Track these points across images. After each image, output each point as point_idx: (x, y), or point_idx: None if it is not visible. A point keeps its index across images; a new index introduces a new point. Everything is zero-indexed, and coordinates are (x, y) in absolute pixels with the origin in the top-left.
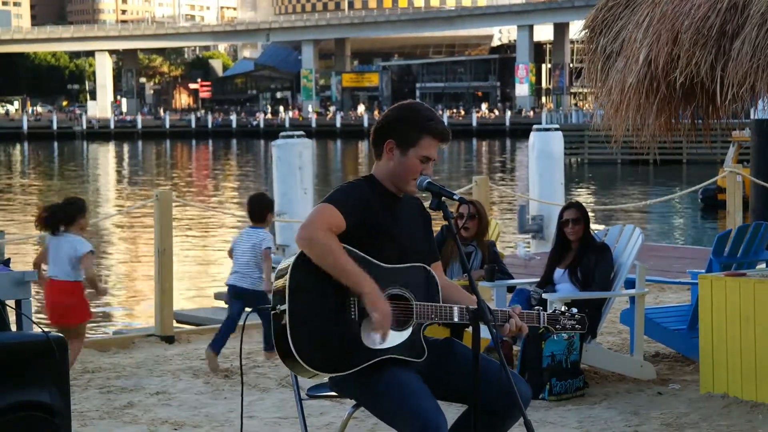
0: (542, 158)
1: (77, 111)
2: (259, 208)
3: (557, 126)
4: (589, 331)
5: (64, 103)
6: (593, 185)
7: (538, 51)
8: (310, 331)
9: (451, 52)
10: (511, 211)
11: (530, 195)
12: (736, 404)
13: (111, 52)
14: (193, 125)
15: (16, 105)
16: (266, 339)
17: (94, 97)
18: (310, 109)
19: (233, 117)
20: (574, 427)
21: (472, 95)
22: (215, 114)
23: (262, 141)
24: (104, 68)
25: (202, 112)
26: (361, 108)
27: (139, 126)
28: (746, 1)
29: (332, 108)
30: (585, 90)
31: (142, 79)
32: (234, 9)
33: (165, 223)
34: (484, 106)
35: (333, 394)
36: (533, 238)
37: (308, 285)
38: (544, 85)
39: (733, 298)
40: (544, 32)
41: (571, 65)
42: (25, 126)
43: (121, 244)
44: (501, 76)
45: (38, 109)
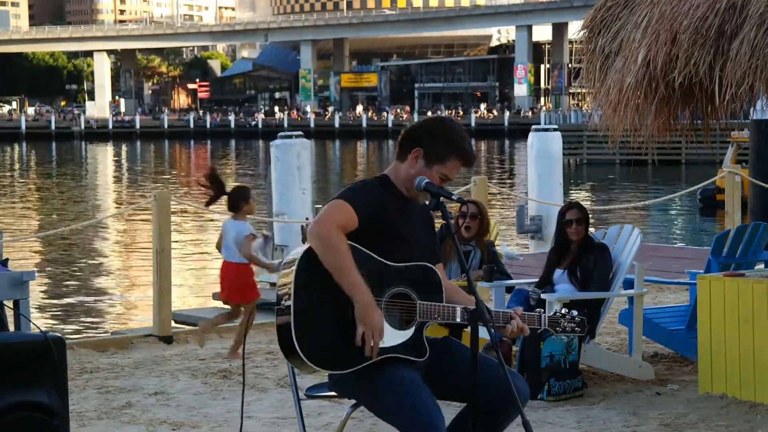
0: (541, 158)
1: (75, 111)
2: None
3: (556, 126)
4: (588, 331)
5: (63, 103)
6: (592, 185)
7: (537, 51)
8: (314, 327)
9: (450, 52)
10: (509, 210)
11: (529, 195)
12: (735, 404)
13: (109, 52)
14: (191, 125)
15: (14, 105)
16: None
17: (92, 98)
18: (308, 109)
19: (231, 117)
20: (572, 427)
21: (471, 95)
22: (213, 114)
23: (260, 141)
24: (102, 68)
25: (201, 112)
26: (359, 108)
27: (137, 126)
28: (745, 2)
29: (331, 108)
30: (584, 90)
31: (141, 80)
32: (232, 9)
33: (163, 223)
34: (482, 107)
35: (331, 394)
36: (532, 238)
37: (315, 281)
38: (542, 85)
39: (731, 299)
40: (542, 32)
41: (569, 65)
42: (23, 126)
43: (119, 245)
44: (500, 76)
45: (30, 111)
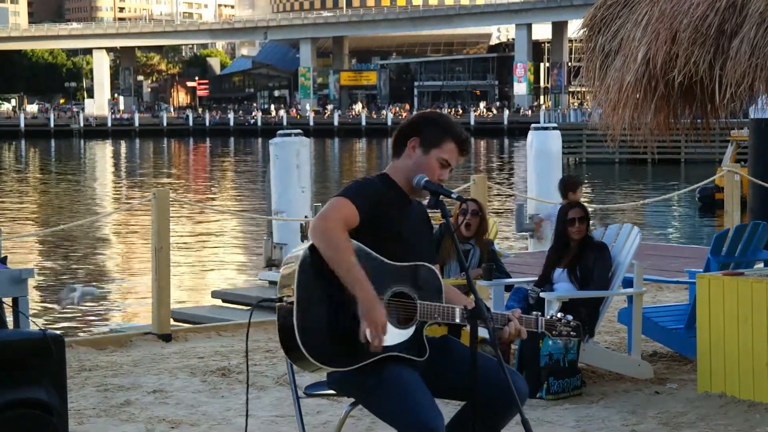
0: (540, 157)
1: (74, 109)
2: None
3: (555, 125)
4: (587, 330)
5: (62, 101)
6: (591, 184)
7: (537, 50)
8: (316, 324)
9: (450, 50)
10: (508, 208)
11: (528, 194)
12: (734, 403)
13: (108, 49)
14: (190, 123)
15: (13, 102)
16: None
17: (91, 95)
18: (307, 107)
19: (231, 115)
20: (571, 426)
21: (470, 94)
22: (213, 112)
23: (259, 139)
24: (102, 66)
25: (200, 110)
26: (358, 106)
27: (136, 124)
28: (745, 0)
29: (330, 106)
30: (583, 89)
31: (140, 77)
32: (232, 7)
33: (162, 221)
34: (482, 105)
35: (331, 392)
36: (531, 237)
37: (317, 278)
38: (542, 83)
39: (730, 298)
40: (542, 31)
41: (569, 64)
42: (22, 124)
43: (118, 242)
44: (499, 74)
45: (33, 108)
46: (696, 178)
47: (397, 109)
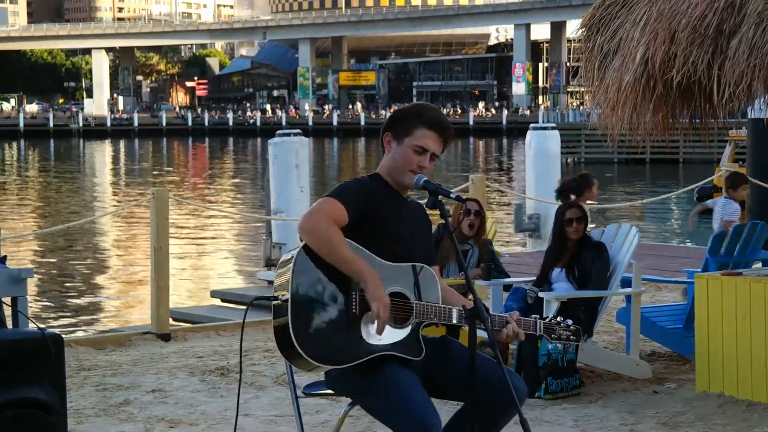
0: (539, 157)
1: (74, 109)
2: None
3: (554, 125)
4: (586, 329)
5: (61, 101)
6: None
7: (535, 50)
8: (311, 323)
9: (448, 50)
10: (506, 206)
11: (527, 194)
12: (732, 403)
13: (108, 49)
14: (189, 123)
15: (12, 102)
16: None
17: (90, 95)
18: (306, 107)
19: (230, 115)
20: (570, 425)
21: (469, 94)
22: (212, 112)
23: (258, 139)
24: (101, 66)
25: (199, 110)
26: (357, 106)
27: (135, 124)
28: (743, 0)
29: (328, 106)
30: (582, 89)
31: (139, 77)
32: (231, 7)
33: (161, 221)
34: (480, 105)
35: (329, 392)
36: (530, 236)
37: (311, 277)
38: (540, 83)
39: (729, 298)
40: (541, 31)
41: (567, 64)
42: (21, 124)
43: (117, 242)
44: (498, 74)
45: (29, 108)
46: (694, 177)
47: (396, 109)
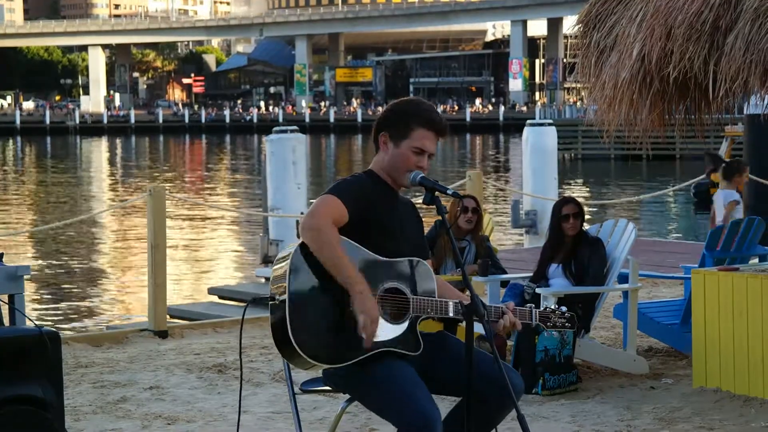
0: (536, 153)
1: (70, 105)
2: None
3: (551, 121)
4: (583, 325)
5: (57, 97)
6: (586, 180)
7: (532, 46)
8: (309, 321)
9: (445, 47)
10: (505, 202)
11: (524, 190)
12: (729, 398)
13: (104, 46)
14: (186, 120)
15: (9, 99)
16: None
17: (87, 92)
18: (303, 104)
19: (227, 112)
20: (567, 421)
21: (466, 90)
22: (208, 109)
23: (255, 136)
24: (97, 63)
25: (195, 107)
26: (354, 103)
27: (131, 121)
28: None
29: (325, 103)
30: (578, 85)
31: (136, 74)
32: (227, 4)
33: (158, 218)
34: (477, 101)
35: (326, 388)
36: (527, 233)
37: (309, 275)
38: (537, 80)
39: (725, 293)
40: (537, 27)
41: (564, 60)
42: (17, 121)
43: (114, 239)
44: (494, 71)
45: (26, 105)
46: (691, 173)
47: None
